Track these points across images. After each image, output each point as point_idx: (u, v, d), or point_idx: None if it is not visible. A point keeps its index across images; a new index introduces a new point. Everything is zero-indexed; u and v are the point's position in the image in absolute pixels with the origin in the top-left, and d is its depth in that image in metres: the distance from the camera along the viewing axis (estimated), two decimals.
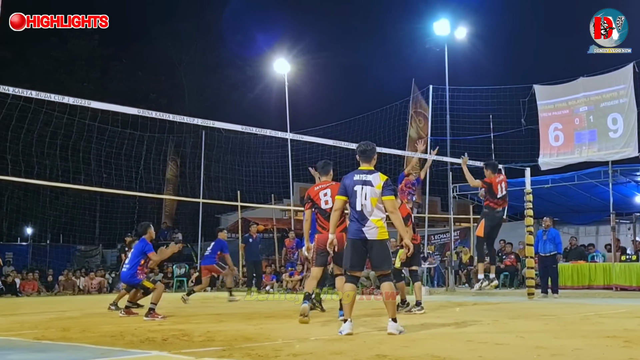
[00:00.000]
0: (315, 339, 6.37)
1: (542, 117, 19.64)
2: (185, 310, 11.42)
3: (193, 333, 6.94)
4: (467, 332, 6.80)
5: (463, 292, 16.51)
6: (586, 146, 18.70)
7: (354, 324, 6.68)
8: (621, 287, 15.35)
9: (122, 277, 10.41)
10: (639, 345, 5.50)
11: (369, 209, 6.59)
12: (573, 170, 19.25)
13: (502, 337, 6.21)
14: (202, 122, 11.48)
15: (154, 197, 24.67)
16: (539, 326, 7.34)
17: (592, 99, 18.66)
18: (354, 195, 6.68)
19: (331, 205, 7.76)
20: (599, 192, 19.52)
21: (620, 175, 18.26)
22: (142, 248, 10.07)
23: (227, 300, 14.34)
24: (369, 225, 6.58)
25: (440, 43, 20.93)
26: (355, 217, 6.67)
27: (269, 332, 7.04)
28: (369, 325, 7.70)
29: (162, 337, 6.59)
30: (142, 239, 10.21)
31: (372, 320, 8.33)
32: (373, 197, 6.61)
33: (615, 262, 16.03)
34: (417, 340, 6.11)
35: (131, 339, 6.59)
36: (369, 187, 6.64)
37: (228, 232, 31.99)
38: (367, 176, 6.72)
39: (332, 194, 7.91)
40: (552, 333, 6.59)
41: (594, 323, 7.64)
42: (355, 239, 6.66)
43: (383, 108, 24.08)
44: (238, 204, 22.77)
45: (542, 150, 19.48)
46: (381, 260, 6.61)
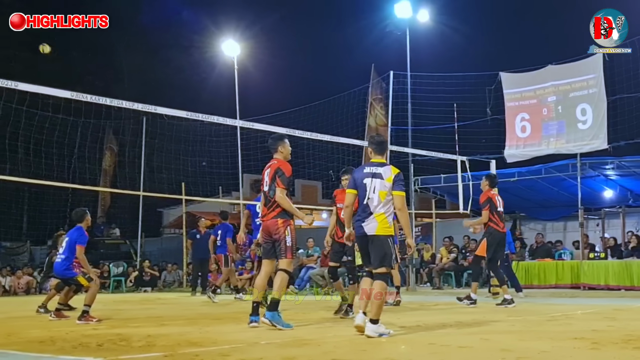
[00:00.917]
0: (266, 342, 6.34)
1: (508, 106, 19.95)
2: (123, 313, 11.27)
3: (132, 338, 6.85)
4: (429, 334, 6.86)
5: (424, 292, 16.69)
6: (554, 138, 19.06)
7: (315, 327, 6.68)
8: (589, 286, 15.69)
9: (56, 269, 10.01)
10: (608, 347, 5.62)
11: (375, 203, 6.70)
12: (540, 163, 19.59)
13: (465, 340, 6.27)
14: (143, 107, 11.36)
15: (89, 189, 24.24)
16: (504, 328, 7.45)
17: (561, 88, 19.02)
18: (362, 187, 6.80)
19: (267, 187, 7.79)
20: (567, 186, 19.89)
21: (589, 168, 18.61)
22: (77, 237, 9.82)
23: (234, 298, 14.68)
24: (369, 220, 6.70)
25: (401, 26, 21.00)
26: (358, 213, 6.82)
27: (216, 336, 6.99)
28: (327, 328, 7.71)
29: (97, 343, 6.48)
30: (78, 227, 9.93)
31: (332, 323, 8.34)
32: (382, 191, 6.71)
33: (584, 260, 16.37)
34: (375, 344, 6.13)
35: (62, 344, 6.47)
36: (378, 179, 6.74)
37: (171, 227, 31.99)
38: (378, 168, 6.82)
39: (270, 173, 7.81)
40: (518, 335, 6.69)
41: (561, 324, 7.79)
42: (358, 235, 6.84)
43: (341, 95, 24.13)
44: (182, 197, 22.57)
45: (508, 142, 19.79)
46: (377, 257, 6.71)
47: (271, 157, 8.02)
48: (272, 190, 7.74)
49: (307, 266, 18.30)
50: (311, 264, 18.33)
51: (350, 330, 7.25)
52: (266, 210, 7.84)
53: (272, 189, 7.75)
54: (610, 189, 20.95)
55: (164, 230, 33.46)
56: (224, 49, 24.29)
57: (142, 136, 25.86)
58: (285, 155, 8.02)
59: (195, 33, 38.76)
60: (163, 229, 33.61)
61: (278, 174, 7.72)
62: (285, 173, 7.76)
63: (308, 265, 18.34)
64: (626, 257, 16.26)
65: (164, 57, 40.47)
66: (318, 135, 16.19)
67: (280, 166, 7.80)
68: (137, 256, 24.93)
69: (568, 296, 13.96)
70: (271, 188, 7.76)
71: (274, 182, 7.73)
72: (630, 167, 18.37)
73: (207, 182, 26.89)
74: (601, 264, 15.85)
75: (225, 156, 26.72)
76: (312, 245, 18.92)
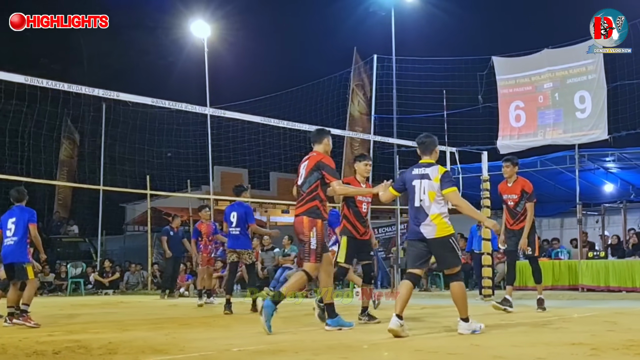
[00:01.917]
0: (238, 350, 6.33)
1: (501, 93, 20.04)
2: (81, 317, 11.20)
3: (91, 345, 6.81)
4: (416, 340, 6.87)
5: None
6: (550, 127, 19.18)
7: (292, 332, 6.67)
8: (588, 287, 15.79)
9: (7, 254, 9.83)
10: (608, 353, 5.66)
11: (427, 204, 7.19)
12: (536, 154, 19.67)
13: (455, 346, 6.29)
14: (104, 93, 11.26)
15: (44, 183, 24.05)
16: (497, 333, 7.48)
17: (558, 74, 19.12)
18: (412, 190, 7.30)
19: (302, 180, 7.94)
20: (564, 180, 20.02)
21: (588, 160, 18.72)
22: (29, 216, 9.76)
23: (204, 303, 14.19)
24: (427, 222, 7.17)
25: (385, 6, 21.02)
26: (412, 216, 7.28)
27: (183, 342, 6.97)
28: (305, 333, 7.71)
29: (54, 350, 6.44)
30: (22, 207, 9.90)
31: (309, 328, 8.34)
32: (431, 191, 7.20)
33: (582, 259, 16.49)
34: (358, 351, 6.14)
35: (15, 352, 6.43)
36: (427, 180, 7.25)
37: (134, 224, 31.84)
38: (426, 169, 7.35)
39: (308, 165, 7.96)
40: (511, 340, 6.72)
41: (558, 328, 7.84)
42: (414, 239, 7.29)
43: (320, 80, 24.13)
44: (147, 192, 22.44)
45: (502, 132, 19.89)
46: (445, 259, 7.25)
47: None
48: (306, 184, 7.90)
49: (283, 266, 18.27)
50: (288, 264, 18.30)
51: (328, 335, 7.27)
52: (296, 205, 8.03)
53: (306, 183, 7.91)
54: (610, 182, 21.10)
55: (126, 227, 33.29)
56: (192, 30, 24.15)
57: (103, 125, 25.67)
58: (327, 150, 8.21)
59: (162, 12, 38.64)
60: (126, 226, 33.43)
61: (322, 169, 7.86)
62: (330, 165, 7.94)
63: (284, 265, 18.31)
64: (628, 257, 16.41)
65: (127, 38, 40.17)
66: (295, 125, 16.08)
67: (322, 159, 7.95)
68: (98, 256, 24.77)
69: (565, 298, 14.06)
70: (306, 182, 7.92)
71: (312, 176, 7.88)
72: (632, 159, 18.49)
73: (175, 175, 26.80)
74: (601, 263, 15.97)
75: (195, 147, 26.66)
76: (288, 243, 18.88)
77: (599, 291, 15.52)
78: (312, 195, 7.85)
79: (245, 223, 12.11)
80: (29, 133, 26.21)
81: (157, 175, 25.47)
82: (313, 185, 7.85)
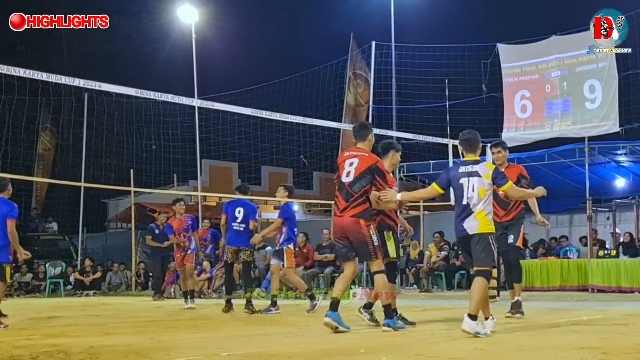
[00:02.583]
0: (227, 354, 6.31)
1: (506, 82, 20.04)
2: (61, 320, 11.18)
3: (71, 349, 6.79)
4: (416, 343, 6.88)
5: (410, 295, 16.73)
6: (558, 118, 19.18)
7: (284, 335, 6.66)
8: (598, 288, 15.81)
9: None
10: (618, 357, 5.66)
11: (474, 201, 7.53)
12: (543, 147, 19.69)
13: (457, 350, 6.28)
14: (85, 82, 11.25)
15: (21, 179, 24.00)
16: (502, 336, 7.48)
17: (566, 62, 19.13)
18: (459, 188, 7.63)
19: (352, 179, 8.05)
20: (573, 174, 20.04)
21: (599, 154, 18.75)
22: (7, 210, 9.61)
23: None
24: (470, 219, 7.55)
25: None
26: (457, 213, 7.67)
27: (169, 346, 6.96)
28: (298, 337, 7.70)
29: (31, 355, 6.41)
30: (3, 199, 9.76)
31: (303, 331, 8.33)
32: (481, 189, 7.54)
33: (592, 258, 16.49)
34: (355, 355, 6.13)
35: None
36: (476, 177, 7.56)
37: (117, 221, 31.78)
38: (474, 167, 7.65)
39: (359, 165, 8.07)
40: (517, 344, 6.72)
41: (567, 332, 7.84)
42: (460, 237, 7.74)
43: (315, 69, 24.10)
44: (132, 189, 22.38)
45: (507, 123, 19.88)
46: (480, 255, 7.55)
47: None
48: (357, 185, 8.04)
49: None
50: None
51: (323, 338, 7.25)
52: (345, 205, 8.07)
53: (357, 184, 8.04)
54: (622, 177, 21.14)
55: (109, 224, 33.22)
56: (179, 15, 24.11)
57: (84, 116, 25.61)
58: (370, 147, 8.43)
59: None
60: (108, 223, 33.36)
61: (377, 174, 8.08)
62: (384, 171, 8.21)
63: None
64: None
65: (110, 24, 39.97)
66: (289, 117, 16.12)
67: (377, 164, 8.14)
68: (78, 255, 24.73)
69: (574, 299, 14.08)
70: (357, 183, 8.05)
71: (364, 178, 8.03)
72: None
73: (160, 170, 26.75)
74: (612, 263, 15.97)
75: (182, 140, 26.62)
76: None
77: (610, 292, 15.52)
78: (364, 198, 8.06)
79: (249, 220, 12.23)
80: (6, 125, 26.14)
81: (141, 170, 25.43)
82: (366, 187, 8.05)
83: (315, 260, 18.31)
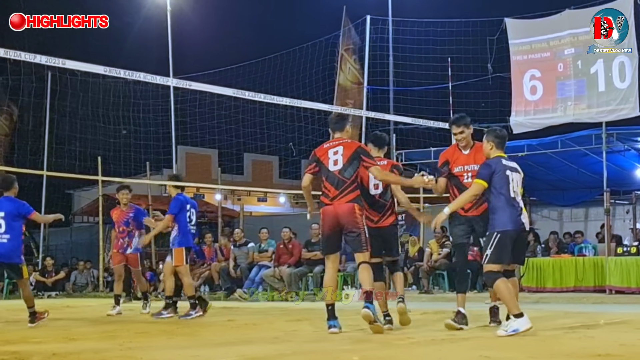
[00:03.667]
0: None
1: (515, 61, 19.97)
2: (20, 324, 11.12)
3: (32, 357, 6.79)
4: (416, 349, 6.89)
5: (410, 297, 16.69)
6: (572, 101, 19.13)
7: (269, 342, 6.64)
8: (616, 289, 15.84)
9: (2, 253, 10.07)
10: None
11: (518, 198, 8.27)
12: (556, 133, 19.66)
13: (461, 357, 6.30)
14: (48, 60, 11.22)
15: None
16: (510, 341, 7.48)
17: (581, 38, 19.04)
18: (505, 181, 8.20)
19: (341, 166, 8.47)
20: (589, 163, 20.05)
21: (617, 140, 18.72)
22: (25, 210, 9.82)
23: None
24: (524, 214, 8.25)
25: None
26: (512, 205, 8.16)
27: (140, 354, 6.94)
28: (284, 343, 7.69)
29: None
30: (11, 198, 10.11)
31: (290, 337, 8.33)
32: (520, 186, 8.35)
33: (610, 256, 16.48)
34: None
35: None
36: (517, 174, 8.34)
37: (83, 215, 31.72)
38: (512, 163, 8.43)
39: (345, 152, 8.51)
40: (527, 351, 6.72)
41: (581, 337, 7.85)
42: (516, 229, 8.14)
43: (303, 46, 24.05)
44: (99, 178, 22.33)
45: (515, 107, 19.84)
46: (523, 253, 8.67)
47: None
48: (348, 171, 8.48)
49: (259, 264, 18.24)
50: (264, 262, 18.26)
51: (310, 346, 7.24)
52: (336, 193, 8.46)
53: (348, 170, 8.49)
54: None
55: (74, 218, 33.18)
56: None
57: (47, 97, 25.53)
58: (349, 137, 8.96)
59: None
60: (73, 216, 33.32)
61: (363, 154, 8.55)
62: (367, 150, 8.82)
63: (260, 263, 18.28)
64: None
65: None
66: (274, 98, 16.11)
67: (361, 146, 8.85)
68: (39, 252, 24.67)
69: (590, 302, 14.13)
70: (347, 169, 8.49)
71: (353, 163, 8.49)
72: None
73: (131, 157, 26.70)
74: (632, 261, 15.97)
75: (155, 124, 26.54)
76: (266, 237, 18.83)
77: (629, 293, 15.55)
78: (355, 185, 8.50)
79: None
80: None
81: (110, 157, 25.41)
82: (355, 174, 8.51)
83: (303, 258, 18.21)
